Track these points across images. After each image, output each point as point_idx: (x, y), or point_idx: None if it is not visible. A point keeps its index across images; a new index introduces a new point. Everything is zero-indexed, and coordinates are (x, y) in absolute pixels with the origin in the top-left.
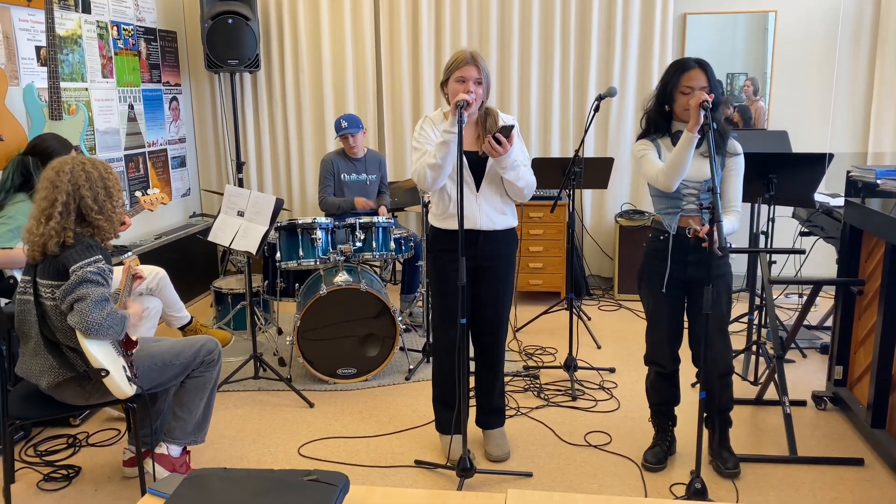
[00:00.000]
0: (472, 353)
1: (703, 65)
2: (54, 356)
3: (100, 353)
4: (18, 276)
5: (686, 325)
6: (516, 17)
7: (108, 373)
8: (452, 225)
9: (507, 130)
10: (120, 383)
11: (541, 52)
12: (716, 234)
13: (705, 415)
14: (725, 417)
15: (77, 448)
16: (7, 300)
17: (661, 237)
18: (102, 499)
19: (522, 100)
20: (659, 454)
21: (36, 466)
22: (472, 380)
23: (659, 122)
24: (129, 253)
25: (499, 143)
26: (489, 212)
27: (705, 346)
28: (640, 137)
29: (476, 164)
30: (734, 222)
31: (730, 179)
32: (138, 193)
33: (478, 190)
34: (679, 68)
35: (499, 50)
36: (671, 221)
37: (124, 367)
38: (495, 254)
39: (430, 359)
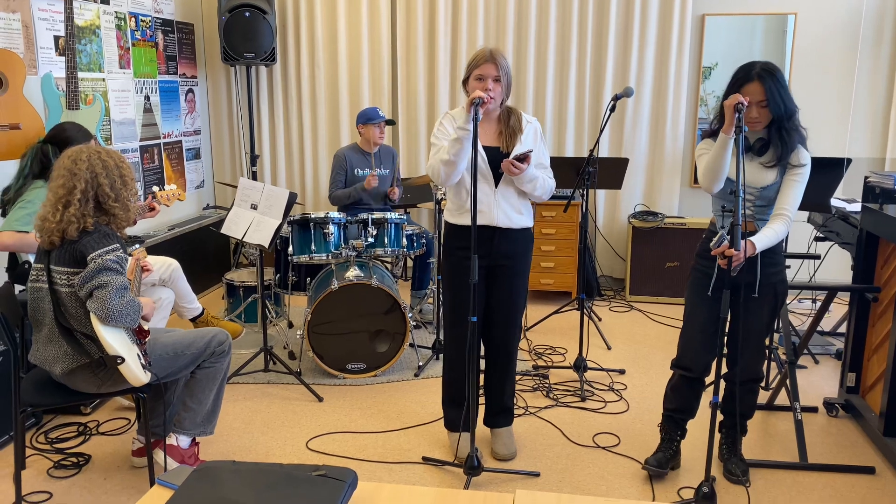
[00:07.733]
0: (482, 352)
1: (764, 77)
2: (69, 343)
3: (115, 340)
4: (33, 260)
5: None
6: (533, 15)
7: (123, 360)
8: (469, 221)
9: (523, 157)
10: (135, 370)
11: (557, 51)
12: (727, 244)
13: (719, 419)
14: (742, 424)
15: (87, 436)
16: (22, 287)
17: (714, 237)
18: (111, 487)
19: (538, 98)
20: (661, 459)
21: (46, 454)
22: (482, 378)
23: (723, 123)
24: (137, 245)
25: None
26: (507, 209)
27: (720, 352)
28: (705, 136)
29: (496, 160)
30: (779, 228)
31: (787, 185)
32: (156, 188)
33: (496, 186)
34: (741, 78)
35: (515, 47)
36: (724, 222)
37: (139, 356)
38: (511, 252)
39: (440, 356)
